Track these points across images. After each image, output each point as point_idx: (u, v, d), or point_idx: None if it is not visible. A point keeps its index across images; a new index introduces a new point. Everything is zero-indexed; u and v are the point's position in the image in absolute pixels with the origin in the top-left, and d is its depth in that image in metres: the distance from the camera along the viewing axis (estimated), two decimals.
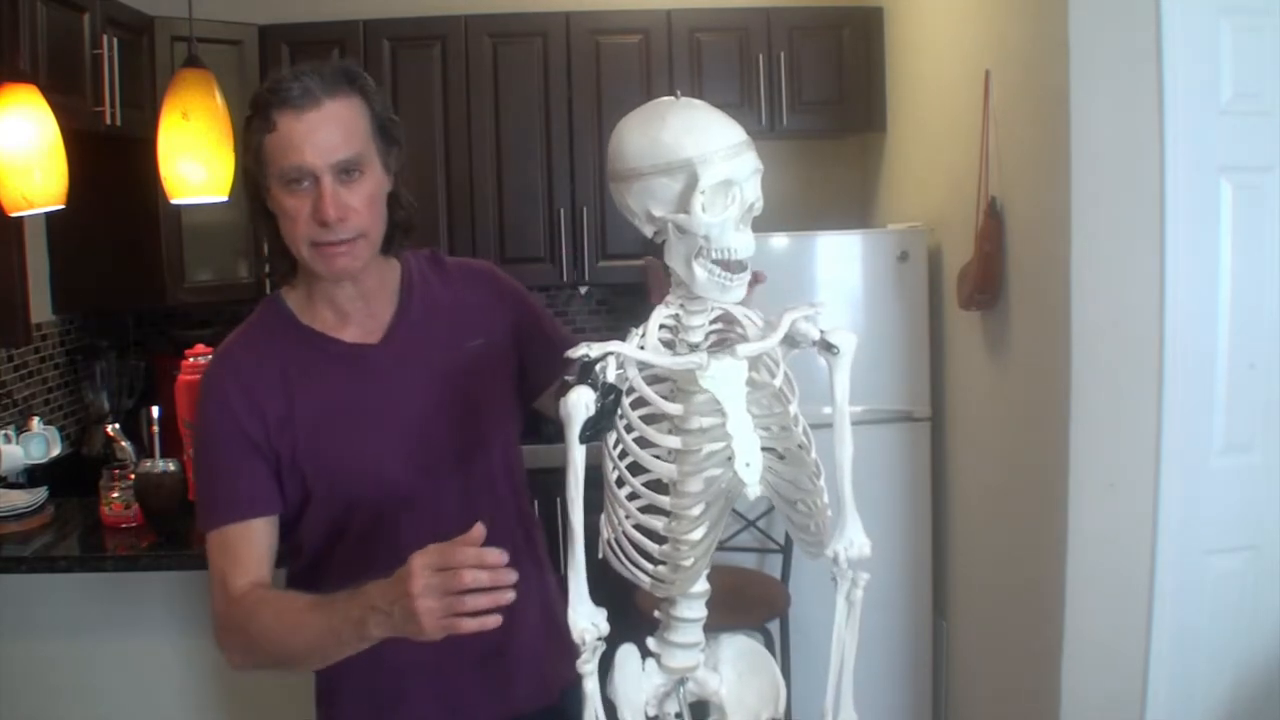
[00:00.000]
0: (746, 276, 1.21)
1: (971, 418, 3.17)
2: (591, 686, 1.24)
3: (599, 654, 1.24)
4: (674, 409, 1.23)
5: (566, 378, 1.20)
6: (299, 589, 1.44)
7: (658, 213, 1.20)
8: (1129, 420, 2.44)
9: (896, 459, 3.33)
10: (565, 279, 3.75)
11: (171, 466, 2.46)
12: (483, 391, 1.56)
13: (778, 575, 3.28)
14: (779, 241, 3.31)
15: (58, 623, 2.40)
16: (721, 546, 1.31)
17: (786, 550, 3.29)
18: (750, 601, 3.03)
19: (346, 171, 1.39)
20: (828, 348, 1.29)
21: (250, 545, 1.41)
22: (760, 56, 3.67)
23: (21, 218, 2.45)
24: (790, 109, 3.71)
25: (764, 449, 1.23)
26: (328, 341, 1.49)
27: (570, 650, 1.21)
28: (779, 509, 1.31)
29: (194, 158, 2.52)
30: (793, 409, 1.26)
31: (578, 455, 1.20)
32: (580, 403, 1.18)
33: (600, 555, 1.28)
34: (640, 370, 1.23)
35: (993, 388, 2.96)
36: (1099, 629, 2.49)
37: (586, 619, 1.24)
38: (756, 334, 1.25)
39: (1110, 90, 2.40)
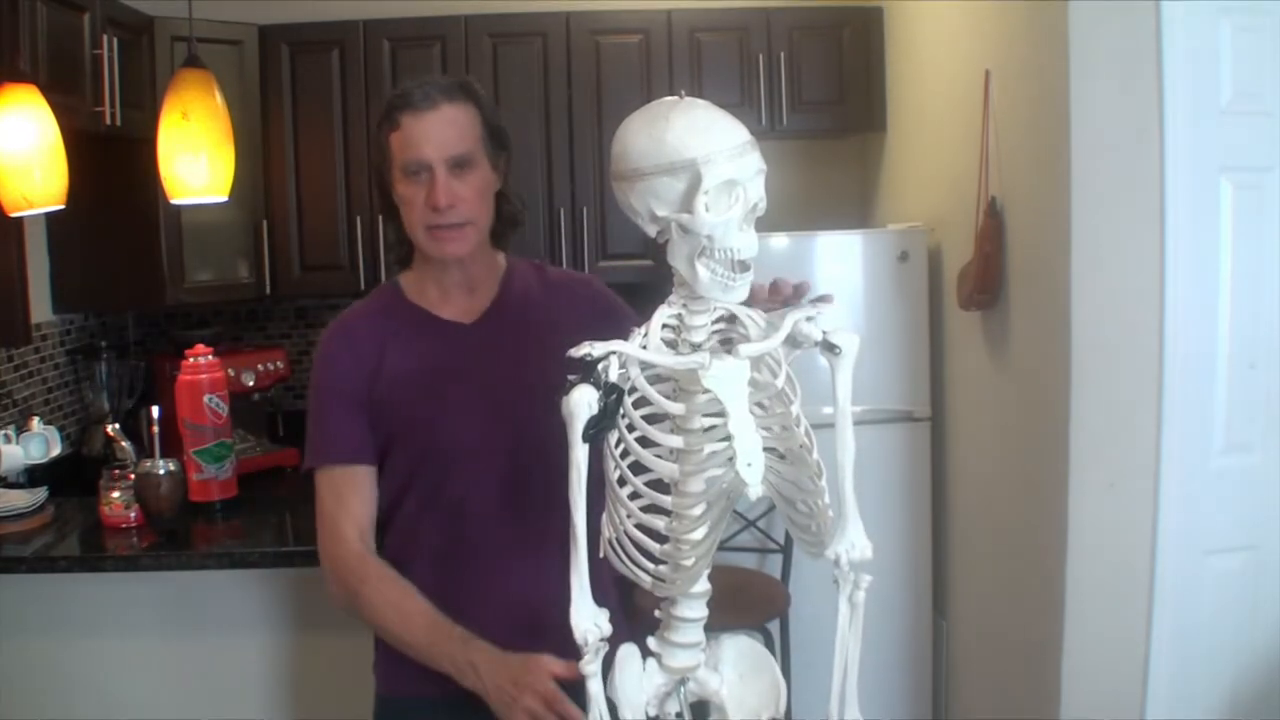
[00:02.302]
0: (750, 276, 1.20)
1: (971, 418, 3.17)
2: (595, 688, 1.24)
3: (602, 654, 1.24)
4: (676, 408, 1.23)
5: (569, 376, 1.20)
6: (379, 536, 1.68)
7: (661, 213, 1.20)
8: (1129, 420, 2.44)
9: (896, 459, 3.33)
10: None
11: (172, 466, 2.45)
12: (552, 378, 1.62)
13: (778, 575, 3.28)
14: (779, 241, 3.31)
15: (58, 623, 2.39)
16: (721, 546, 1.31)
17: (786, 550, 3.29)
18: (750, 601, 3.03)
19: (458, 165, 1.58)
20: (830, 348, 1.29)
21: (356, 493, 1.63)
22: (760, 56, 3.67)
23: (21, 218, 2.44)
24: (790, 109, 3.71)
25: (765, 449, 1.24)
26: (428, 316, 1.69)
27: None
28: (780, 509, 1.31)
29: (194, 158, 2.52)
30: (795, 409, 1.26)
31: (580, 454, 1.20)
32: (583, 401, 1.18)
33: (601, 554, 1.28)
34: (643, 369, 1.23)
35: (993, 388, 2.96)
36: (1099, 628, 2.48)
37: (589, 619, 1.24)
38: (759, 334, 1.25)
39: (1110, 90, 2.39)
